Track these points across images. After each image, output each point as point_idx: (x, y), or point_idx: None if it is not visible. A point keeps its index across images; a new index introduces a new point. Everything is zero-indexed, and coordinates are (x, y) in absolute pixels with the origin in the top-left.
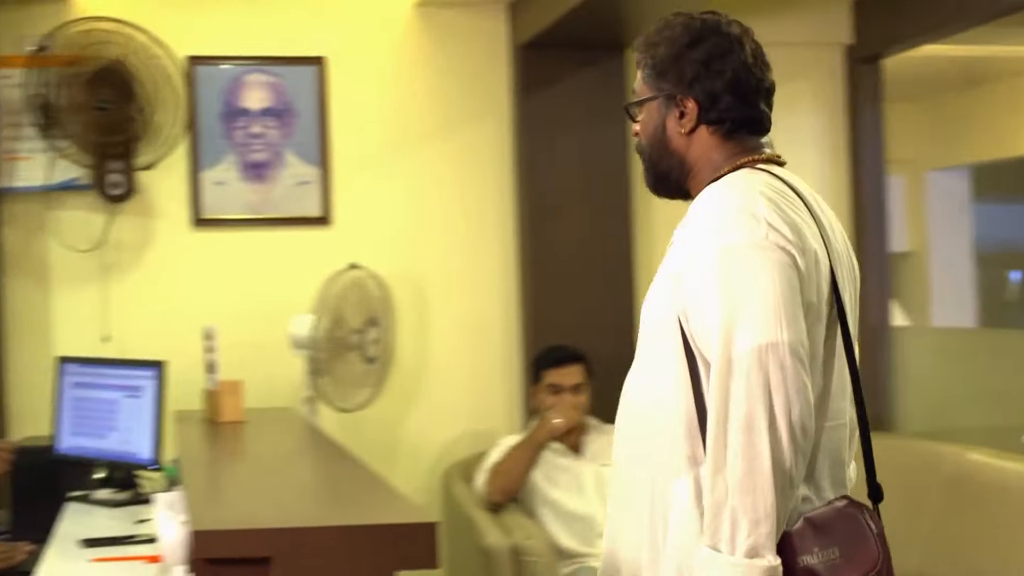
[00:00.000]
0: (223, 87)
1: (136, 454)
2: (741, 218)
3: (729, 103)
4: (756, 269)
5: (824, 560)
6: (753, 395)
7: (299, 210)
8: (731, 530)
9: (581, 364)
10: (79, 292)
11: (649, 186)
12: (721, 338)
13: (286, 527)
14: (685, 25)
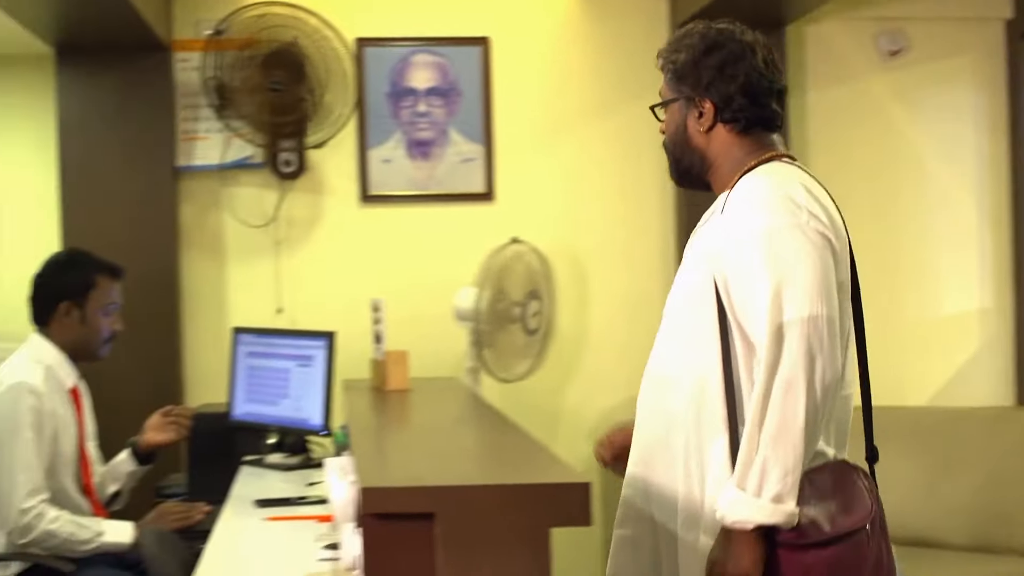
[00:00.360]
0: (390, 67)
1: (307, 420)
2: (784, 204)
3: (742, 104)
4: (799, 249)
5: (823, 511)
6: (796, 361)
7: (463, 186)
8: (760, 477)
9: None
10: (252, 266)
11: (673, 179)
12: (769, 310)
13: (449, 485)
14: (702, 35)
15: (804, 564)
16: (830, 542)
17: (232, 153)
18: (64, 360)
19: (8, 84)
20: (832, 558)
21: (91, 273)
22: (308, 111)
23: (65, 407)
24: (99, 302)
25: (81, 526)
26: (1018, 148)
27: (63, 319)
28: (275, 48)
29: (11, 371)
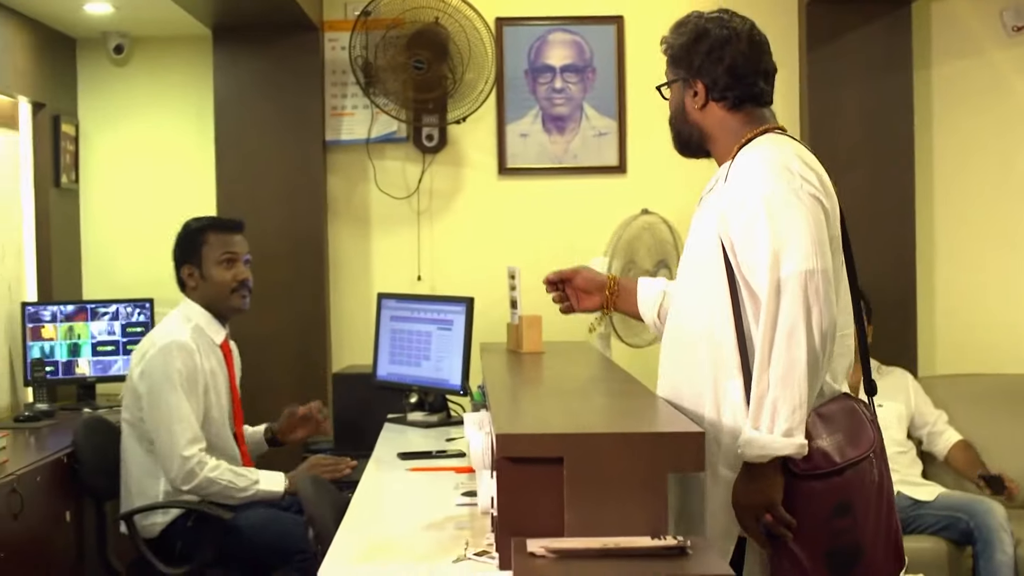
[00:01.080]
0: (528, 45)
1: (447, 381)
2: (780, 171)
3: (729, 83)
4: (794, 211)
5: (832, 443)
6: (796, 310)
7: (596, 160)
8: (771, 415)
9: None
10: (396, 235)
11: (677, 149)
12: (770, 266)
13: (576, 432)
14: (694, 23)
15: (816, 491)
16: (840, 471)
17: (377, 128)
18: (211, 318)
19: (170, 63)
20: (841, 484)
21: (199, 233)
22: (450, 88)
23: (216, 362)
24: (212, 257)
25: (239, 475)
26: None
27: (190, 282)
28: (419, 28)
29: (163, 332)
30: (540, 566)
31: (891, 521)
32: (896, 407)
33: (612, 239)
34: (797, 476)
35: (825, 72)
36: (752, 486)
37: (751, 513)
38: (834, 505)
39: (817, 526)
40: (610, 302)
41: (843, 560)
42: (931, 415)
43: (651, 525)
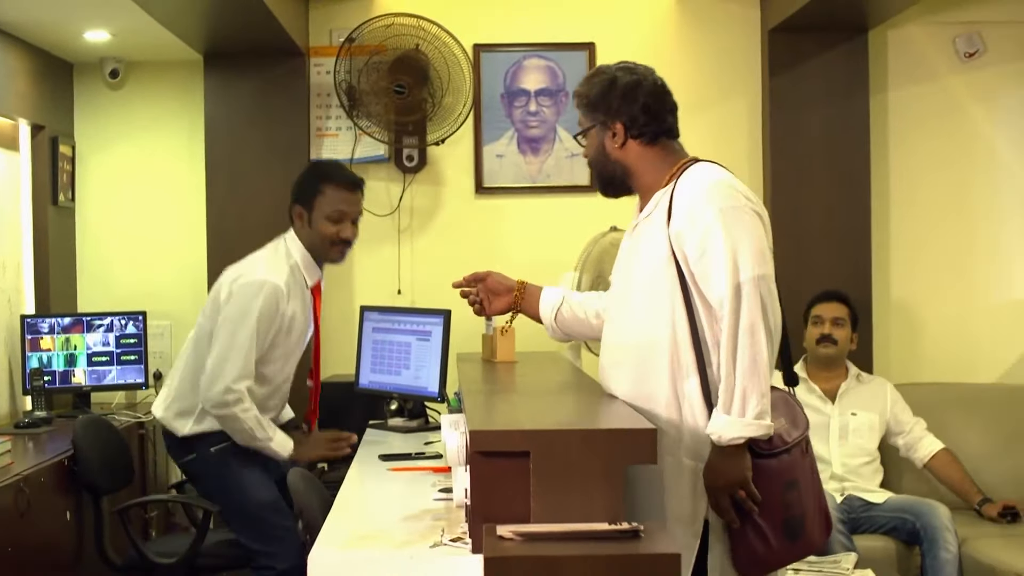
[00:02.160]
0: (504, 71)
1: (425, 388)
2: (727, 191)
3: (645, 120)
4: (744, 224)
5: (781, 426)
6: (754, 310)
7: (568, 179)
8: (743, 401)
9: (844, 304)
10: (378, 251)
11: (600, 189)
12: (729, 272)
13: (542, 429)
14: (605, 73)
15: (773, 469)
16: (788, 451)
17: (360, 149)
18: (311, 260)
19: (163, 87)
20: (790, 463)
21: (320, 182)
22: (429, 111)
23: (301, 306)
24: (323, 209)
25: (261, 426)
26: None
27: (298, 221)
28: (400, 54)
29: (266, 265)
30: (508, 548)
31: (821, 492)
32: (869, 417)
33: (582, 255)
34: (758, 456)
35: (786, 96)
36: (726, 467)
37: (725, 492)
38: (786, 481)
39: (774, 500)
40: (516, 304)
41: (794, 528)
42: (908, 423)
43: (609, 512)
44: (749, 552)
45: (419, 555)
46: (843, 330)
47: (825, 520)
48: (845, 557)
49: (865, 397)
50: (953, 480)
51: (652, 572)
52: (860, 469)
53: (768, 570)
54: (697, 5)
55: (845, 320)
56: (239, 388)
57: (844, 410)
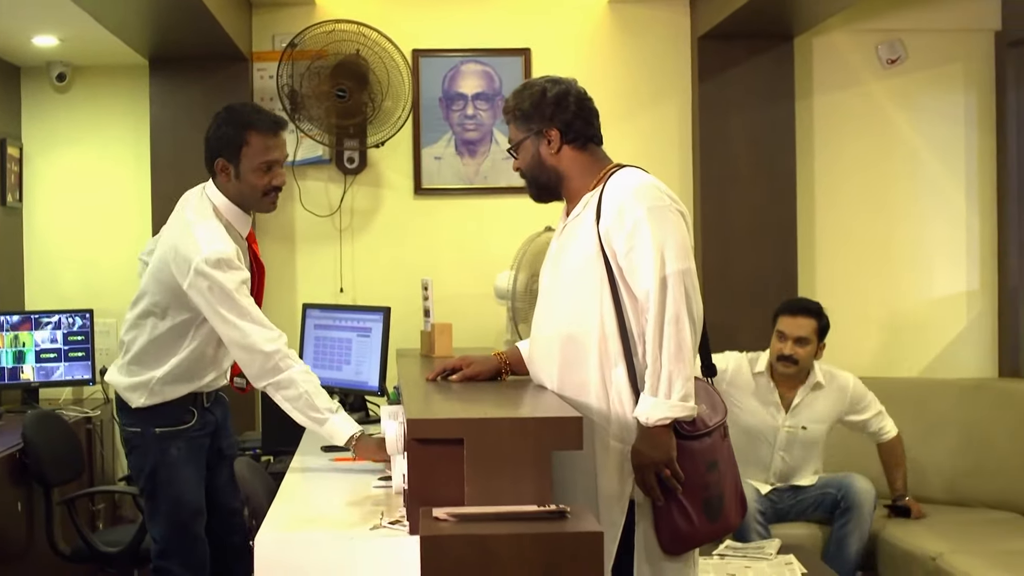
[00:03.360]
0: (442, 75)
1: (366, 383)
2: (653, 192)
3: (579, 126)
4: (669, 221)
5: (703, 411)
6: (679, 301)
7: (504, 181)
8: (668, 385)
9: (812, 319)
10: (319, 250)
11: (533, 197)
12: (656, 266)
13: (474, 417)
14: (534, 86)
15: (696, 451)
16: (709, 434)
17: (302, 151)
18: (239, 213)
19: (110, 91)
20: (711, 445)
21: (244, 130)
22: (369, 115)
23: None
24: (252, 160)
25: (322, 394)
26: (1004, 146)
27: (222, 175)
28: (341, 59)
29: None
30: (443, 528)
31: (737, 475)
32: (818, 429)
33: (518, 254)
34: (683, 438)
35: (715, 101)
36: (652, 447)
37: (651, 471)
38: (707, 462)
39: (696, 480)
40: (506, 374)
41: (714, 508)
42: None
43: (538, 494)
44: (672, 529)
45: (359, 536)
46: (806, 348)
47: (741, 501)
48: (769, 543)
49: (820, 408)
50: (888, 464)
51: (576, 549)
52: (799, 470)
53: (689, 547)
54: (629, 13)
55: (810, 338)
56: (278, 347)
57: (796, 423)
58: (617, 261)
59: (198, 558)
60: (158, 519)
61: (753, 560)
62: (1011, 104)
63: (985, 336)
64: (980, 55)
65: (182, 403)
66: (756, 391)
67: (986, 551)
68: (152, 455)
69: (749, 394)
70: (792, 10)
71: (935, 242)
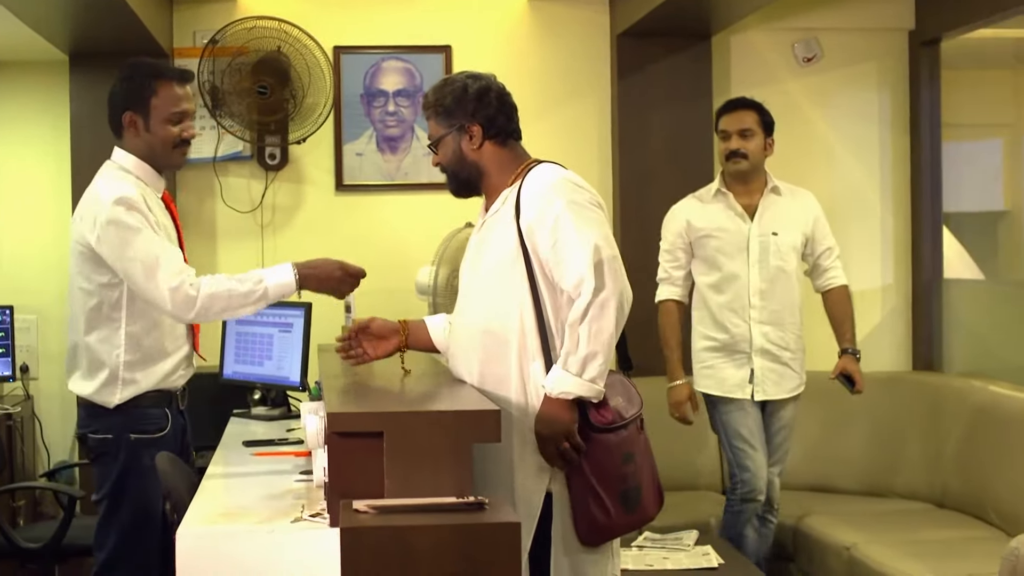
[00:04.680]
0: (364, 72)
1: (287, 378)
2: (572, 186)
3: (501, 121)
4: (592, 212)
5: (620, 403)
6: (609, 287)
7: (426, 177)
8: (582, 364)
9: (751, 111)
10: (241, 246)
11: (452, 192)
12: (585, 254)
13: (394, 411)
14: (455, 82)
15: (612, 443)
16: (625, 426)
17: (224, 148)
18: (150, 170)
19: (28, 87)
20: (627, 437)
21: (152, 80)
22: (291, 111)
23: (163, 215)
24: (162, 111)
25: (240, 280)
26: (917, 143)
27: (130, 130)
28: (263, 56)
29: (109, 189)
30: (363, 520)
31: (654, 467)
32: (791, 236)
33: (439, 249)
34: (599, 430)
35: (634, 98)
36: (553, 417)
37: (552, 441)
38: (623, 454)
39: (614, 472)
40: (403, 344)
41: (631, 499)
42: (822, 247)
43: (456, 486)
44: (590, 521)
45: (280, 529)
46: (752, 140)
47: (658, 492)
48: (687, 534)
49: (787, 213)
50: (835, 316)
51: (494, 540)
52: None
53: (607, 538)
54: (549, 10)
55: (754, 129)
56: (180, 280)
57: (764, 229)
58: (539, 256)
59: (148, 571)
60: (114, 528)
61: (671, 551)
62: (924, 102)
63: (899, 330)
64: (894, 54)
65: (157, 404)
66: (719, 214)
67: (899, 541)
68: (123, 462)
69: (714, 224)
70: (710, 8)
71: (850, 237)
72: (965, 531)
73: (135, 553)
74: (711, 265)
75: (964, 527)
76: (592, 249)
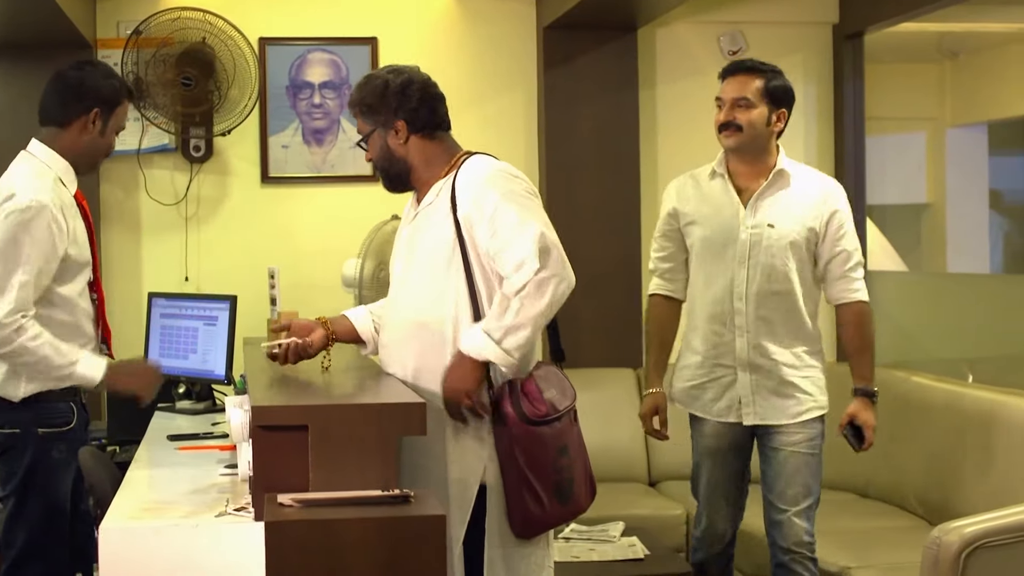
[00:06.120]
0: (289, 64)
1: (212, 372)
2: (507, 176)
3: (424, 115)
4: (528, 201)
5: (553, 396)
6: (550, 268)
7: (352, 169)
8: (505, 331)
9: (753, 76)
10: (165, 239)
11: (386, 187)
12: (528, 240)
13: (318, 404)
14: (376, 78)
15: (546, 436)
16: (559, 418)
17: (148, 140)
18: (69, 168)
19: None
20: (561, 430)
21: (121, 93)
22: (216, 103)
23: (77, 218)
24: (119, 121)
25: (59, 352)
26: (841, 135)
27: (87, 124)
28: (187, 47)
29: (24, 184)
30: (288, 513)
31: (587, 459)
32: (790, 230)
33: (365, 242)
34: (534, 423)
35: (561, 90)
36: (459, 374)
37: (456, 399)
38: (558, 447)
39: (548, 464)
40: (330, 336)
41: (564, 491)
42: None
43: (382, 480)
44: (524, 513)
45: (204, 524)
46: (750, 112)
47: (590, 484)
48: (613, 526)
49: (792, 202)
50: (848, 342)
51: (420, 532)
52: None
53: (540, 530)
54: (475, 2)
55: (753, 100)
56: (15, 319)
57: (759, 219)
58: (477, 248)
59: (60, 564)
60: (23, 524)
61: (597, 543)
62: (848, 95)
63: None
64: (818, 47)
65: (63, 398)
66: (711, 198)
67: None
68: (30, 456)
69: (702, 209)
70: (636, 1)
71: None
72: (888, 520)
73: (46, 548)
74: (698, 259)
75: (887, 516)
76: (537, 235)
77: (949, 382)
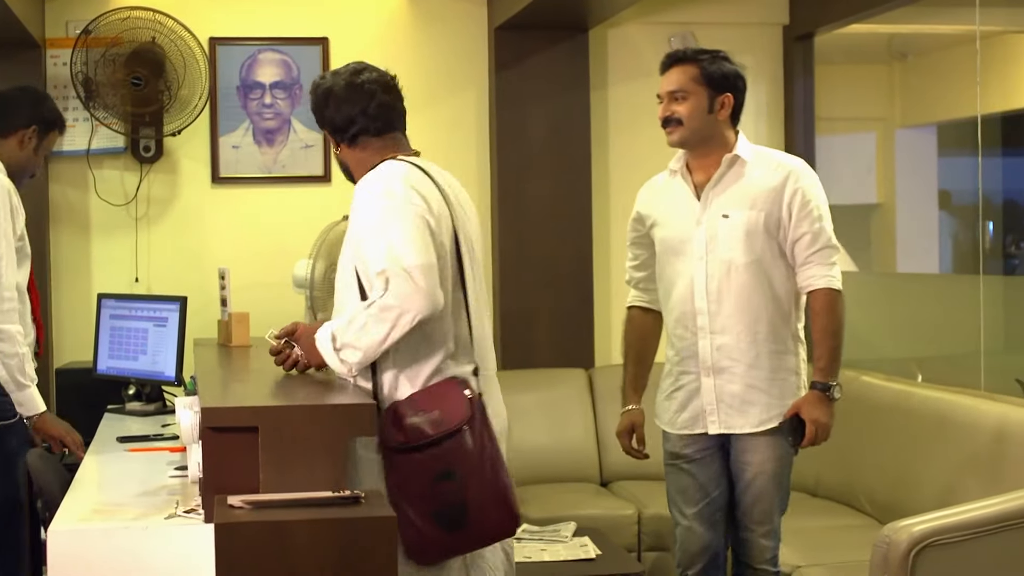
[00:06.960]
0: (240, 64)
1: (162, 373)
2: (381, 193)
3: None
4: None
5: (426, 419)
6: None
7: (303, 170)
8: (343, 345)
9: (686, 65)
10: (115, 240)
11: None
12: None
13: (269, 405)
14: (316, 86)
15: (418, 461)
16: (437, 442)
17: (97, 140)
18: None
19: None
20: (440, 454)
21: (57, 125)
22: (165, 103)
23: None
24: (47, 146)
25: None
26: (791, 136)
27: (24, 140)
28: (137, 47)
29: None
30: (238, 515)
31: (498, 482)
32: (746, 217)
33: (316, 243)
34: (397, 451)
35: (512, 91)
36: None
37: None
38: (437, 472)
39: (423, 490)
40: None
41: (450, 517)
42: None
43: (332, 480)
44: (405, 539)
45: (154, 526)
46: (688, 103)
47: (508, 511)
48: (565, 526)
49: (747, 188)
50: (813, 336)
51: (371, 533)
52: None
53: (436, 556)
54: (427, 2)
55: (688, 89)
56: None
57: (714, 211)
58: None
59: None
60: None
61: (548, 543)
62: (798, 96)
63: None
64: (769, 48)
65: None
66: (669, 197)
67: None
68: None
69: (659, 209)
70: (587, 2)
71: None
72: (838, 519)
73: (4, 541)
74: (661, 260)
75: (837, 515)
76: (381, 256)
77: (899, 381)
